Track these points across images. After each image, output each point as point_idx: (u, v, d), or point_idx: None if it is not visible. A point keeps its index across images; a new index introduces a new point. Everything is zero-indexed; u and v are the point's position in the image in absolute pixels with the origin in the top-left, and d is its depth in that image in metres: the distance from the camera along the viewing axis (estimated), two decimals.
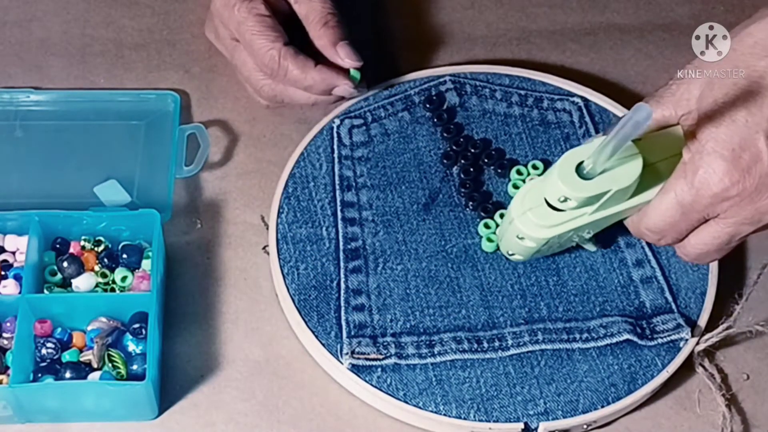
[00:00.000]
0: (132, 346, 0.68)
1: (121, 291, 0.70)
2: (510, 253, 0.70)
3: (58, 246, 0.72)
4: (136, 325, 0.68)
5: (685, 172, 0.61)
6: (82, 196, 0.76)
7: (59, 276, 0.71)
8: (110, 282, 0.71)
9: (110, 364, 0.67)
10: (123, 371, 0.67)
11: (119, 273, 0.71)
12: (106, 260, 0.71)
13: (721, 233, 0.63)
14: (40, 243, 0.71)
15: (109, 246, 0.72)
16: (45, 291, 0.70)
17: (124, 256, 0.71)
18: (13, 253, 0.72)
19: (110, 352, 0.67)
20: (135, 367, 0.67)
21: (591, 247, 0.73)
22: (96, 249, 0.72)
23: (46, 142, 0.79)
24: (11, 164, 0.78)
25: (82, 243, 0.72)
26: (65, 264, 0.70)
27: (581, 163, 0.61)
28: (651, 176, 0.63)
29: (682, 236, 0.64)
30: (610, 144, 0.59)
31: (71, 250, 0.72)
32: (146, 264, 0.71)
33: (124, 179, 0.77)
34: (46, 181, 0.77)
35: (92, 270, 0.71)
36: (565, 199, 0.62)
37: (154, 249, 0.69)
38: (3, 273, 0.71)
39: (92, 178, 0.77)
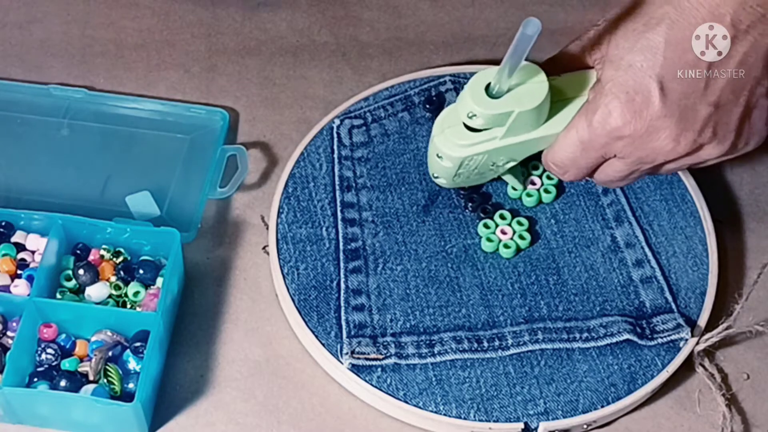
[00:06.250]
0: (132, 364, 0.67)
1: (132, 306, 0.70)
2: (435, 175, 0.71)
3: (78, 251, 0.72)
4: (138, 344, 0.67)
5: (586, 110, 0.64)
6: (113, 203, 0.76)
7: (74, 282, 0.70)
8: (123, 295, 0.70)
9: (105, 380, 0.66)
10: (117, 388, 0.66)
11: (133, 287, 0.70)
12: (122, 272, 0.71)
13: (622, 170, 0.66)
14: (61, 246, 0.71)
15: (128, 258, 0.72)
16: (58, 295, 0.70)
17: (141, 271, 0.71)
18: (33, 252, 0.72)
19: (108, 367, 0.67)
20: (131, 385, 0.66)
21: (517, 185, 0.75)
22: (114, 260, 0.72)
23: (90, 144, 0.79)
24: (51, 162, 0.78)
25: (102, 252, 0.72)
26: (81, 271, 0.70)
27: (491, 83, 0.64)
28: (565, 111, 0.66)
29: (582, 172, 0.67)
30: (508, 60, 0.62)
31: (90, 258, 0.71)
32: (162, 282, 0.70)
33: (157, 192, 0.76)
34: (81, 182, 0.77)
35: (107, 280, 0.71)
36: (473, 116, 0.65)
37: (167, 269, 0.68)
38: (18, 272, 0.71)
39: (127, 185, 0.76)
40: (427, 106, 0.79)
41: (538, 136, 0.66)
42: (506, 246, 0.73)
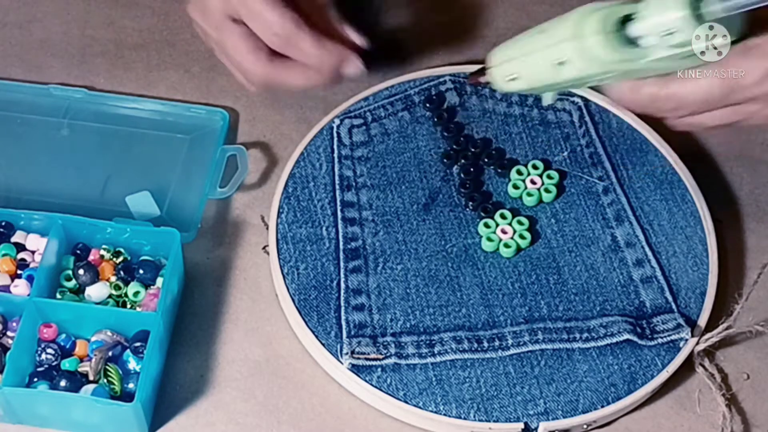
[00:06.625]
0: (132, 364, 0.67)
1: (132, 306, 0.70)
2: (513, 77, 0.67)
3: (78, 251, 0.72)
4: (138, 344, 0.67)
5: (747, 55, 0.58)
6: (113, 203, 0.75)
7: (74, 282, 0.70)
8: (123, 295, 0.70)
9: (105, 380, 0.66)
10: (117, 388, 0.66)
11: (133, 287, 0.70)
12: (122, 272, 0.71)
13: (731, 117, 0.61)
14: (61, 246, 0.71)
15: (128, 258, 0.72)
16: (58, 295, 0.70)
17: (141, 271, 0.71)
18: (33, 252, 0.72)
19: (107, 367, 0.67)
20: (131, 385, 0.66)
21: (551, 100, 0.72)
22: (114, 260, 0.71)
23: (90, 144, 0.79)
24: (51, 162, 0.78)
25: (102, 252, 0.72)
26: (81, 271, 0.70)
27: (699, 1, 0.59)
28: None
29: (696, 112, 0.62)
30: None
31: (90, 258, 0.71)
32: (162, 282, 0.70)
33: (157, 192, 0.76)
34: (81, 182, 0.77)
35: (107, 280, 0.71)
36: (669, 33, 0.59)
37: (167, 269, 0.68)
38: (18, 272, 0.71)
39: (127, 185, 0.76)
40: (428, 105, 0.79)
41: (684, 66, 0.61)
42: (506, 245, 0.73)
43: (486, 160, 0.77)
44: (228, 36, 0.71)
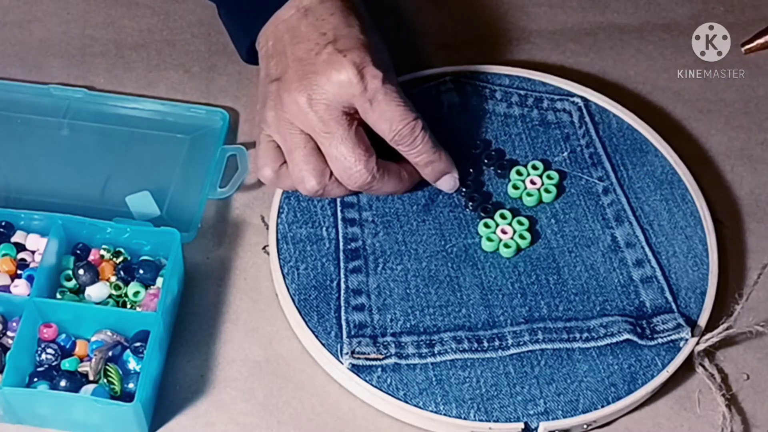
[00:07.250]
0: (132, 364, 0.67)
1: (132, 306, 0.70)
2: None
3: (78, 251, 0.72)
4: (138, 344, 0.67)
5: None
6: (113, 203, 0.75)
7: (74, 282, 0.70)
8: (123, 295, 0.70)
9: (105, 380, 0.66)
10: (117, 388, 0.66)
11: (133, 287, 0.70)
12: (122, 272, 0.71)
13: None
14: (61, 246, 0.71)
15: (128, 258, 0.72)
16: (58, 295, 0.70)
17: (141, 271, 0.71)
18: (33, 252, 0.72)
19: (108, 367, 0.67)
20: (131, 385, 0.66)
21: None
22: (114, 260, 0.71)
23: (90, 143, 0.79)
24: (51, 162, 0.78)
25: (102, 252, 0.72)
26: (81, 271, 0.70)
27: None
28: None
29: None
30: None
31: (90, 258, 0.71)
32: (162, 282, 0.70)
33: (157, 192, 0.76)
34: (81, 182, 0.77)
35: (107, 280, 0.71)
36: None
37: (167, 269, 0.68)
38: (18, 272, 0.71)
39: (127, 185, 0.76)
40: (428, 105, 0.79)
41: None
42: (506, 245, 0.73)
43: (486, 160, 0.78)
44: (340, 129, 0.68)
